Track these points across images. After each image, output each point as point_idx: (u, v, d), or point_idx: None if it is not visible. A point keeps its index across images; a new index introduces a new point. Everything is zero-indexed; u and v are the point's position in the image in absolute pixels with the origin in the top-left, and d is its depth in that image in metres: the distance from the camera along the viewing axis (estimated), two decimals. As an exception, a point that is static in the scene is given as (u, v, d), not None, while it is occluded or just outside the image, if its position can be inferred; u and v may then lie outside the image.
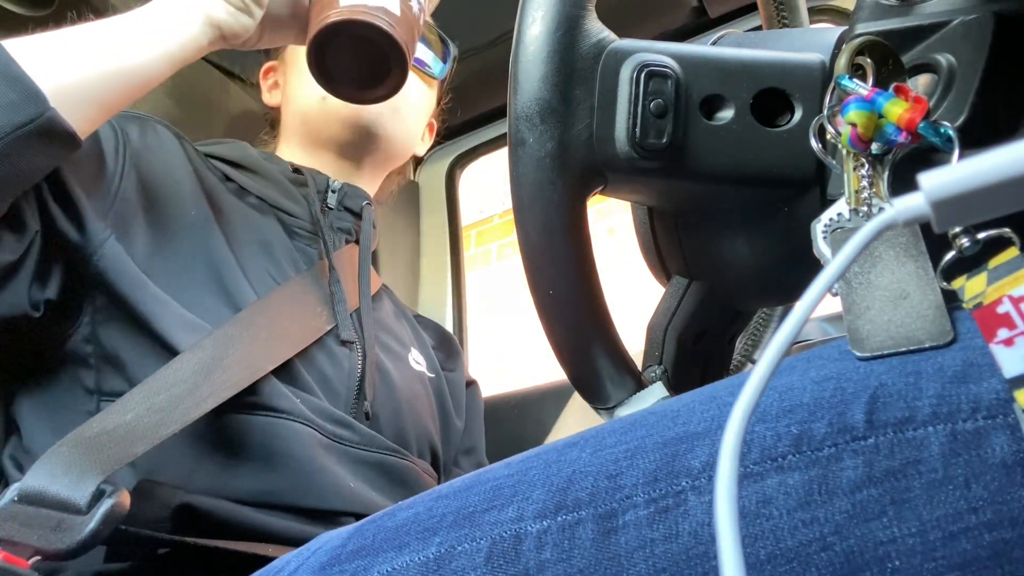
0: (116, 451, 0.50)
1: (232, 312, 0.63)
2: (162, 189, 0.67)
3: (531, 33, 0.38)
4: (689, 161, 0.39)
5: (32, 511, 0.46)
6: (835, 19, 1.03)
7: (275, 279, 0.68)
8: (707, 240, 0.47)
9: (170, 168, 0.69)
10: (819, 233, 0.34)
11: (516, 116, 0.38)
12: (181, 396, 0.55)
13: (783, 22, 0.67)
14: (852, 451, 0.26)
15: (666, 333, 0.48)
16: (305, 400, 0.63)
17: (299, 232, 0.75)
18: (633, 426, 0.32)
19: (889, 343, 0.28)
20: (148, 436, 0.52)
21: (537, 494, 0.32)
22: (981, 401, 0.25)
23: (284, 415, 0.60)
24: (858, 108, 0.33)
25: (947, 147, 0.33)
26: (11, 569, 0.44)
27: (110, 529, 0.46)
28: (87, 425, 0.52)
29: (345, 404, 0.67)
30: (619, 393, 0.43)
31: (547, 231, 0.39)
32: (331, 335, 0.68)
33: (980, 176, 0.18)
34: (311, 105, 0.79)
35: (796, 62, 0.41)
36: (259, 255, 0.69)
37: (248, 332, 0.61)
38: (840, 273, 0.21)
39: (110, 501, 0.47)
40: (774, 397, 0.29)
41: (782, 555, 0.26)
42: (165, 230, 0.65)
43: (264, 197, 0.74)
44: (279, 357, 0.62)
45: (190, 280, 0.64)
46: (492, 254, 2.72)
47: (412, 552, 0.33)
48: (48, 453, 0.49)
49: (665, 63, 0.39)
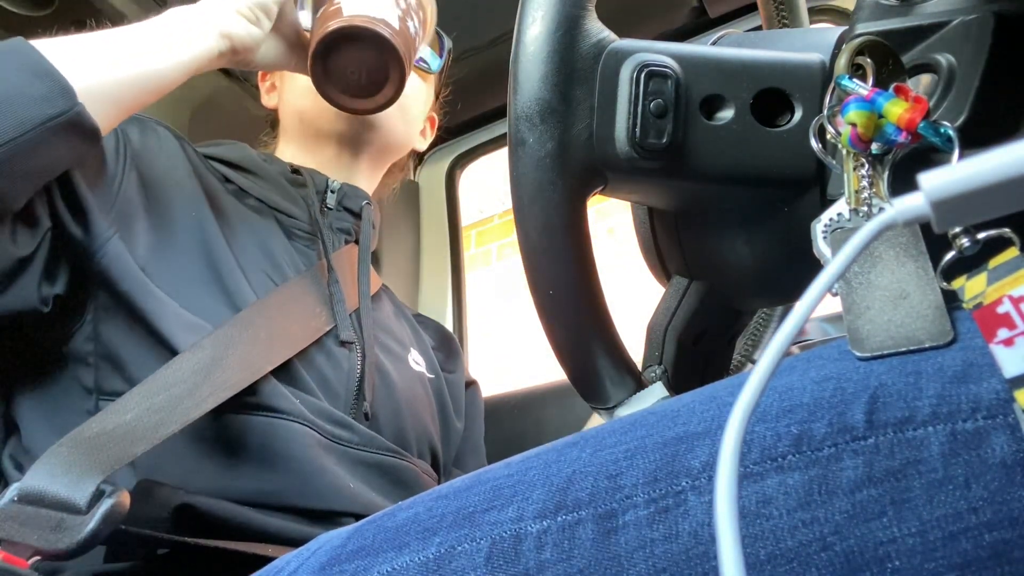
0: (116, 451, 0.50)
1: (232, 312, 0.63)
2: (162, 189, 0.67)
3: (531, 33, 0.38)
4: (689, 161, 0.39)
5: (32, 511, 0.46)
6: (835, 19, 1.03)
7: (274, 280, 0.68)
8: (707, 240, 0.47)
9: (170, 169, 0.69)
10: (819, 233, 0.34)
11: (516, 116, 0.38)
12: (181, 396, 0.55)
13: (783, 22, 0.67)
14: (852, 451, 0.26)
15: (666, 333, 0.48)
16: (304, 400, 0.63)
17: (298, 233, 0.75)
18: (633, 426, 0.32)
19: (889, 343, 0.28)
20: (148, 436, 0.52)
21: (537, 494, 0.32)
22: (981, 401, 0.25)
23: (284, 415, 0.60)
24: (858, 108, 0.33)
25: (947, 147, 0.33)
26: (11, 569, 0.44)
27: (110, 529, 0.46)
28: (87, 425, 0.52)
29: (344, 405, 0.67)
30: (619, 393, 0.43)
31: (547, 231, 0.39)
32: (330, 336, 0.68)
33: (980, 176, 0.18)
34: (306, 101, 0.80)
35: (796, 62, 0.41)
36: (258, 256, 0.69)
37: (248, 333, 0.61)
38: (840, 273, 0.21)
39: (110, 501, 0.47)
40: (774, 397, 0.29)
41: (782, 555, 0.26)
42: (166, 230, 0.65)
43: (263, 199, 0.75)
44: (278, 358, 0.62)
45: (190, 280, 0.64)
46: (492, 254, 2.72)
47: (412, 552, 0.33)
48: (48, 453, 0.49)
49: (665, 63, 0.39)
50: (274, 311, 0.64)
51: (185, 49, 0.60)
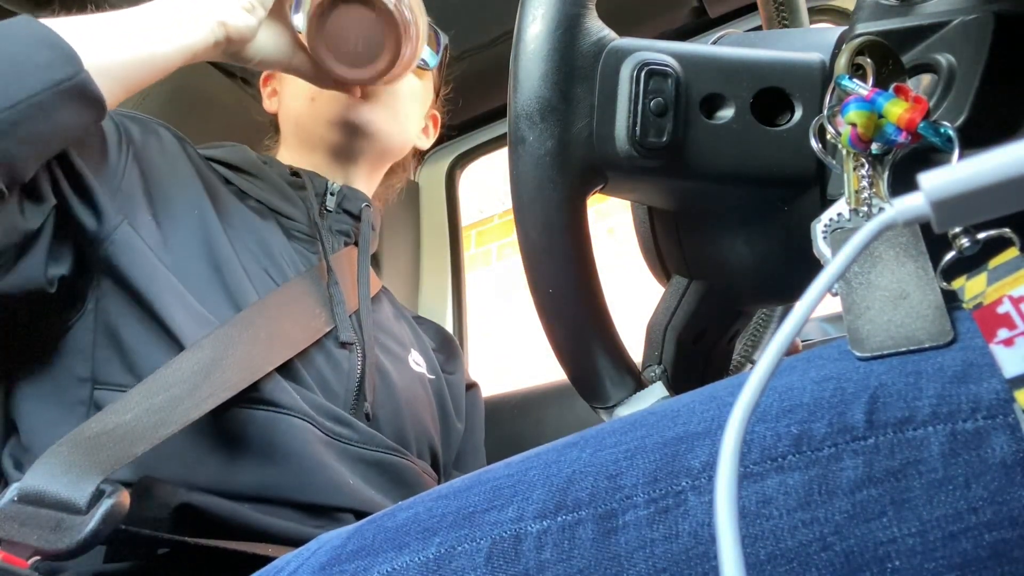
0: (116, 451, 0.50)
1: (233, 309, 0.63)
2: (164, 186, 0.67)
3: (531, 31, 0.38)
4: (689, 160, 0.39)
5: (32, 511, 0.46)
6: (835, 19, 1.03)
7: (275, 279, 0.69)
8: (707, 240, 0.47)
9: (172, 167, 0.69)
10: (819, 233, 0.34)
11: (516, 114, 0.38)
12: (181, 396, 0.55)
13: (783, 22, 0.67)
14: (852, 451, 0.26)
15: (666, 333, 0.48)
16: (305, 397, 0.63)
17: (298, 235, 0.75)
18: (633, 426, 0.32)
19: (889, 343, 0.28)
20: (148, 436, 0.52)
21: (537, 494, 0.32)
22: (981, 401, 0.25)
23: (285, 411, 0.61)
24: (858, 108, 0.33)
25: (947, 147, 0.33)
26: (11, 569, 0.44)
27: (110, 529, 0.46)
28: (87, 425, 0.52)
29: (344, 404, 0.67)
30: (619, 393, 0.43)
31: (547, 230, 0.39)
32: (330, 337, 0.69)
33: (980, 176, 0.18)
34: (301, 107, 0.80)
35: (796, 61, 0.41)
36: (260, 255, 0.69)
37: (248, 333, 0.61)
38: (840, 273, 0.21)
39: (110, 501, 0.47)
40: (774, 397, 0.29)
41: (782, 555, 0.26)
42: (168, 226, 0.65)
43: (263, 200, 0.75)
44: (278, 358, 0.62)
45: (195, 277, 0.64)
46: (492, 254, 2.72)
47: (412, 552, 0.33)
48: (48, 453, 0.49)
49: (665, 62, 0.39)
50: (274, 311, 0.64)
51: (182, 34, 0.62)
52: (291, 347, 0.64)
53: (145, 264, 0.61)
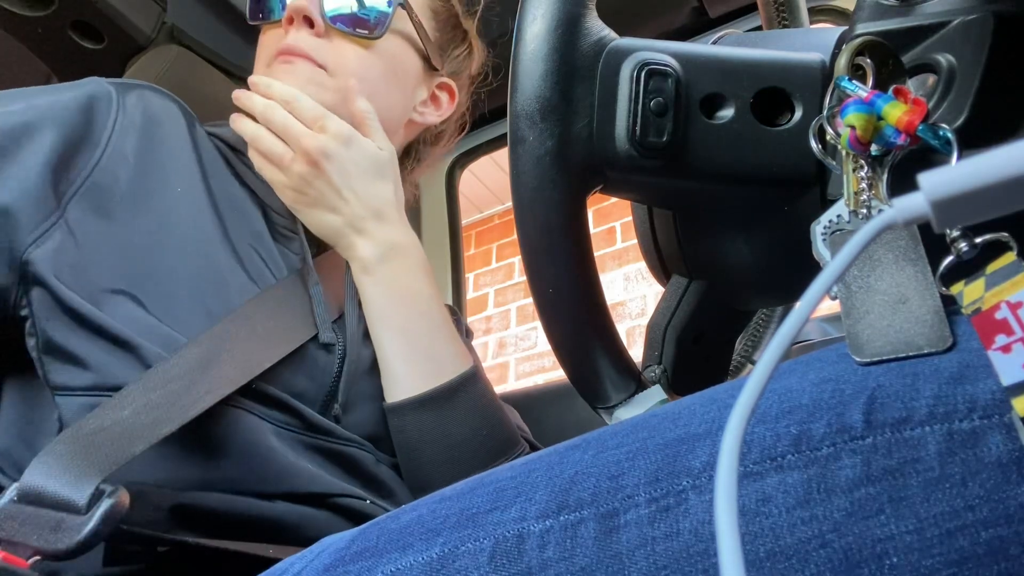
0: (115, 450, 0.50)
1: (223, 299, 0.62)
2: (157, 160, 0.65)
3: (532, 31, 0.38)
4: (689, 160, 0.40)
5: (31, 511, 0.46)
6: (835, 19, 1.03)
7: (269, 267, 0.68)
8: (707, 239, 0.47)
9: (168, 139, 0.67)
10: (818, 235, 0.34)
11: (516, 114, 0.38)
12: (178, 392, 0.54)
13: (783, 22, 0.67)
14: (850, 450, 0.26)
15: (666, 333, 0.48)
16: (269, 392, 0.61)
17: (282, 232, 0.74)
18: (635, 428, 0.32)
19: (888, 348, 0.28)
20: (146, 435, 0.51)
21: (540, 495, 0.32)
22: (977, 401, 0.25)
23: (234, 403, 0.58)
24: (857, 110, 0.33)
25: (946, 150, 0.33)
26: (11, 569, 0.44)
27: (110, 529, 0.46)
28: (84, 421, 0.52)
29: (314, 404, 0.66)
30: (619, 393, 0.43)
31: (547, 229, 0.39)
32: (312, 338, 0.68)
33: (980, 176, 0.18)
34: None
35: (796, 61, 0.41)
36: (248, 244, 0.68)
37: (245, 328, 0.60)
38: (839, 274, 0.21)
39: (110, 501, 0.46)
40: (773, 399, 0.29)
41: (781, 552, 0.26)
42: (154, 202, 0.63)
43: (255, 189, 0.74)
44: (276, 354, 0.61)
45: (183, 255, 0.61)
46: (492, 254, 2.72)
47: (416, 553, 0.33)
48: (45, 451, 0.49)
49: (665, 62, 0.39)
50: (271, 307, 0.64)
51: None
52: (287, 343, 0.63)
53: (73, 278, 0.56)
